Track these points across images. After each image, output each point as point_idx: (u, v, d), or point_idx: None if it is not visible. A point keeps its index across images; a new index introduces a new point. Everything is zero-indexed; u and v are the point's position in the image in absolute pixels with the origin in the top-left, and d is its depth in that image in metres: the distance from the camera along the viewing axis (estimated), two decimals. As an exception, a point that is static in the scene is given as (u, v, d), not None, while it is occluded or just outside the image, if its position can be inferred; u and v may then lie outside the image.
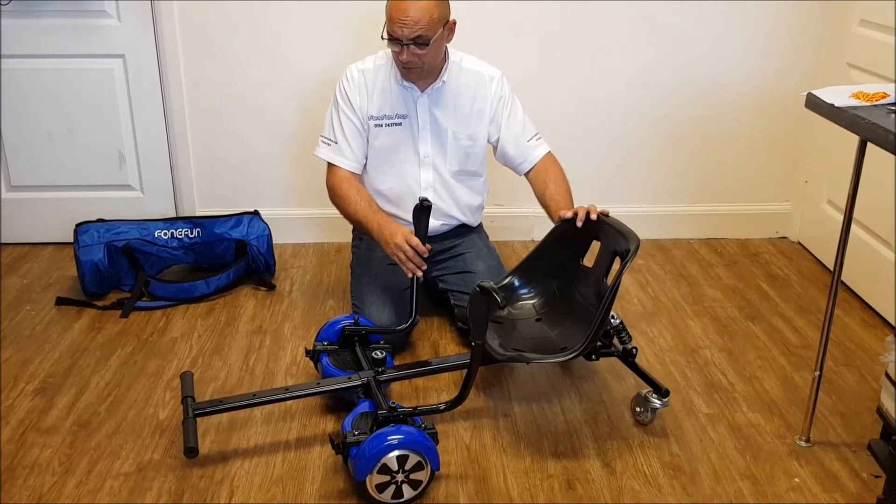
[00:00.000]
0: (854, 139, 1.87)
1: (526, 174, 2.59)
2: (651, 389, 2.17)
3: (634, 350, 2.22)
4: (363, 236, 2.70)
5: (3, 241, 3.28)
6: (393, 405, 1.96)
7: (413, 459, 1.85)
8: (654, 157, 3.31)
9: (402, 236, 2.30)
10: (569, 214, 2.24)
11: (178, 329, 2.68)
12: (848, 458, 2.07)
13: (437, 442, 1.93)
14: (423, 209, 2.25)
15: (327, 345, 2.30)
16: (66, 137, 3.15)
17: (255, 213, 3.04)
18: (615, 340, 2.22)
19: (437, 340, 2.61)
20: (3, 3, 2.92)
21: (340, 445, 1.89)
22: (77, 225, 2.89)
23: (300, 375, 2.43)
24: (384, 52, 2.52)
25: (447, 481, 1.98)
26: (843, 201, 2.00)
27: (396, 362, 2.36)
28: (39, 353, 2.52)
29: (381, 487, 1.85)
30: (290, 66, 3.10)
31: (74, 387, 2.35)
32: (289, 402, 2.26)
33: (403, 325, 2.38)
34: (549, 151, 2.58)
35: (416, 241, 2.29)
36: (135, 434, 2.14)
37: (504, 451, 2.10)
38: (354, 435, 1.88)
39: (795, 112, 3.11)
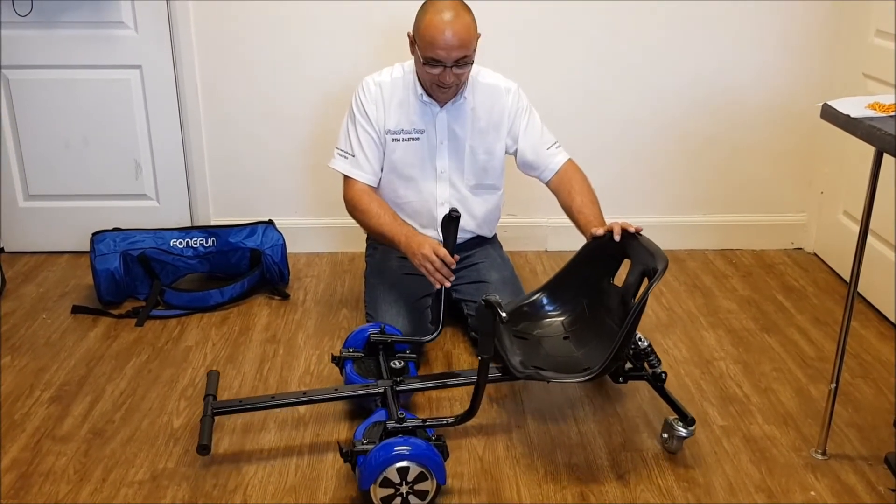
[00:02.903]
0: (870, 150, 1.86)
1: (548, 183, 2.56)
2: (678, 416, 2.10)
3: (664, 375, 2.15)
4: (377, 245, 2.70)
5: (20, 250, 3.30)
6: (402, 416, 1.96)
7: (417, 471, 1.84)
8: (668, 168, 3.30)
9: (429, 247, 2.29)
10: (600, 232, 2.20)
11: (193, 338, 2.69)
12: (864, 472, 2.05)
13: (446, 455, 1.93)
14: (451, 220, 2.22)
15: (353, 352, 2.31)
16: (82, 147, 3.18)
17: (270, 222, 3.05)
18: (645, 364, 2.16)
19: (451, 350, 2.61)
20: (21, 13, 2.96)
21: (349, 453, 1.89)
22: (93, 234, 2.91)
23: (313, 385, 2.43)
24: (400, 65, 2.51)
25: (460, 493, 1.98)
26: (859, 212, 1.99)
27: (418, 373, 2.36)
28: (55, 362, 2.53)
29: (385, 498, 1.85)
30: (305, 76, 3.12)
31: (89, 395, 2.36)
32: (302, 411, 2.27)
33: (430, 337, 2.37)
34: (570, 159, 2.56)
35: (443, 251, 2.27)
36: (149, 442, 2.15)
37: (517, 462, 2.09)
38: (363, 444, 1.89)
39: (811, 123, 3.10)
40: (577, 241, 3.29)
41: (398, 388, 2.11)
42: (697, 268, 3.23)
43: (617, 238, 2.17)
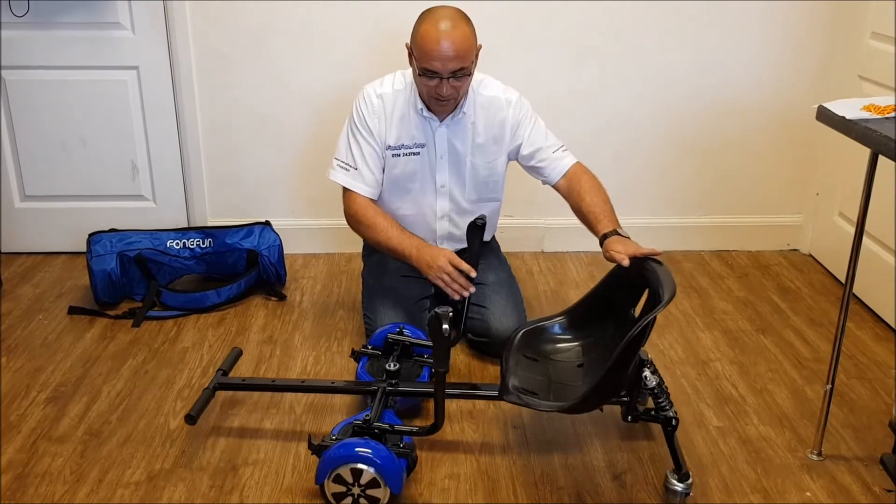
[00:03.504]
0: (866, 151, 1.86)
1: (557, 186, 2.50)
2: (674, 468, 1.95)
3: (674, 420, 1.95)
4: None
5: (16, 251, 3.30)
6: (368, 417, 1.95)
7: (369, 475, 1.83)
8: (664, 169, 3.31)
9: (444, 259, 2.26)
10: (625, 262, 2.05)
11: (189, 339, 2.69)
12: (860, 472, 2.06)
13: (412, 465, 1.93)
14: (477, 227, 2.14)
15: (371, 349, 2.32)
16: (79, 148, 3.17)
17: (267, 223, 3.05)
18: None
19: (447, 351, 2.61)
20: (17, 14, 2.95)
21: (316, 447, 1.91)
22: (90, 235, 2.91)
23: (309, 388, 2.43)
24: (402, 74, 2.46)
25: (457, 493, 1.98)
26: (854, 214, 2.00)
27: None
28: (51, 362, 2.53)
29: (337, 496, 1.87)
30: (302, 77, 3.12)
31: (86, 396, 2.36)
32: (299, 413, 2.27)
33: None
34: (579, 162, 2.50)
35: (458, 261, 2.25)
36: (146, 443, 2.15)
37: (514, 462, 2.09)
38: (331, 439, 1.91)
39: (807, 124, 3.10)
40: (574, 242, 3.33)
41: (388, 391, 2.11)
42: (693, 269, 3.24)
43: (625, 264, 2.05)
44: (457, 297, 2.28)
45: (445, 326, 1.73)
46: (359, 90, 2.48)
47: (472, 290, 2.28)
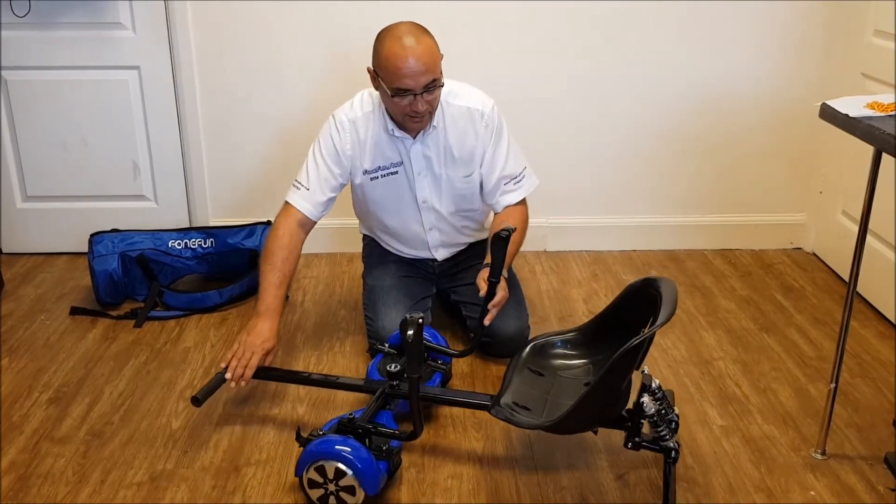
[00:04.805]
0: (869, 150, 1.86)
1: (494, 215, 2.51)
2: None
3: (674, 453, 1.89)
4: (375, 246, 2.69)
5: (18, 252, 3.31)
6: (350, 416, 1.95)
7: (344, 474, 1.83)
8: (667, 168, 3.30)
9: (259, 343, 2.19)
10: (482, 292, 2.18)
11: (192, 339, 2.68)
12: (864, 472, 2.05)
13: (394, 467, 1.93)
14: (501, 239, 2.07)
15: (388, 348, 2.31)
16: (81, 148, 3.17)
17: (268, 223, 3.05)
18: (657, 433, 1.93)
19: (450, 351, 2.61)
20: (18, 14, 2.95)
21: (304, 439, 1.92)
22: (91, 235, 2.90)
23: (311, 387, 2.42)
24: (369, 94, 2.41)
25: (460, 493, 1.98)
26: (858, 212, 1.99)
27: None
28: (53, 363, 2.53)
29: (314, 492, 1.88)
30: (303, 77, 3.12)
31: (88, 396, 2.36)
32: (301, 412, 2.27)
33: (458, 351, 2.33)
34: (524, 199, 2.49)
35: (260, 359, 2.18)
36: (148, 444, 2.15)
37: (516, 462, 2.09)
38: (317, 433, 1.92)
39: (810, 122, 3.10)
40: (577, 242, 3.33)
41: (387, 392, 2.10)
42: (696, 268, 3.23)
43: (481, 294, 2.17)
44: (227, 375, 2.16)
45: (410, 332, 1.72)
46: (357, 91, 2.47)
47: (244, 383, 2.19)
